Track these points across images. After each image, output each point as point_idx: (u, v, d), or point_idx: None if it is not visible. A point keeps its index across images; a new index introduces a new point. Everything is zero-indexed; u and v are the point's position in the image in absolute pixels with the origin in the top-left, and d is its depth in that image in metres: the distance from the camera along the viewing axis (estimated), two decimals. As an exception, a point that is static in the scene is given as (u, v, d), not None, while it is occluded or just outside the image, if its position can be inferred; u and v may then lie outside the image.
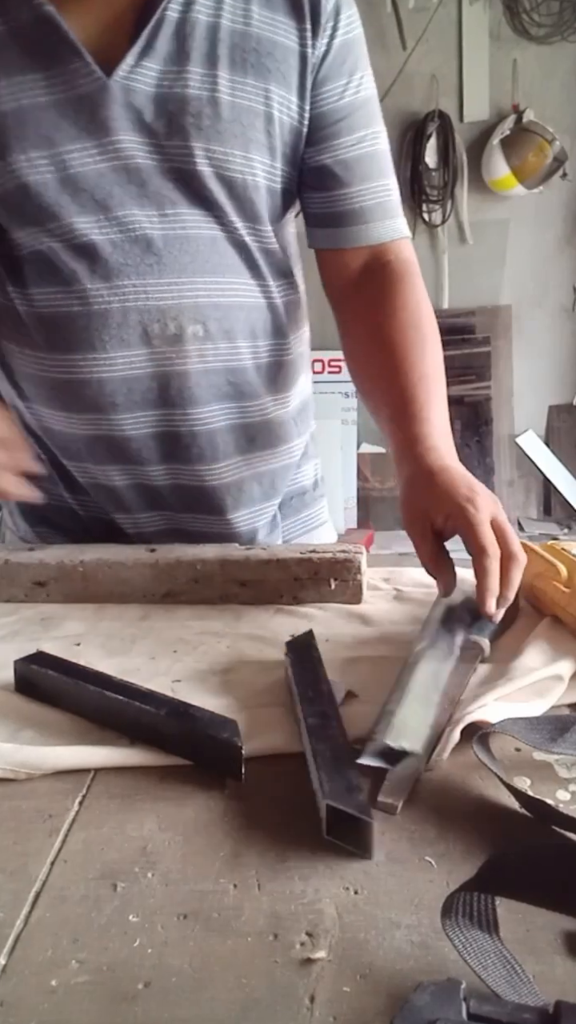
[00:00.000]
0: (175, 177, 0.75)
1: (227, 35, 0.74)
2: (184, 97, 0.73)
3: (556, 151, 3.14)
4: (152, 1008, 0.35)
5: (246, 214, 0.80)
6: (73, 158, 0.73)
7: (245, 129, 0.75)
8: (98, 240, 0.75)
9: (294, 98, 0.78)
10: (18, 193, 0.73)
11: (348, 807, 0.43)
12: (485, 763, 0.48)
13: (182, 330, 0.79)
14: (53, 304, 0.78)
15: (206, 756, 0.51)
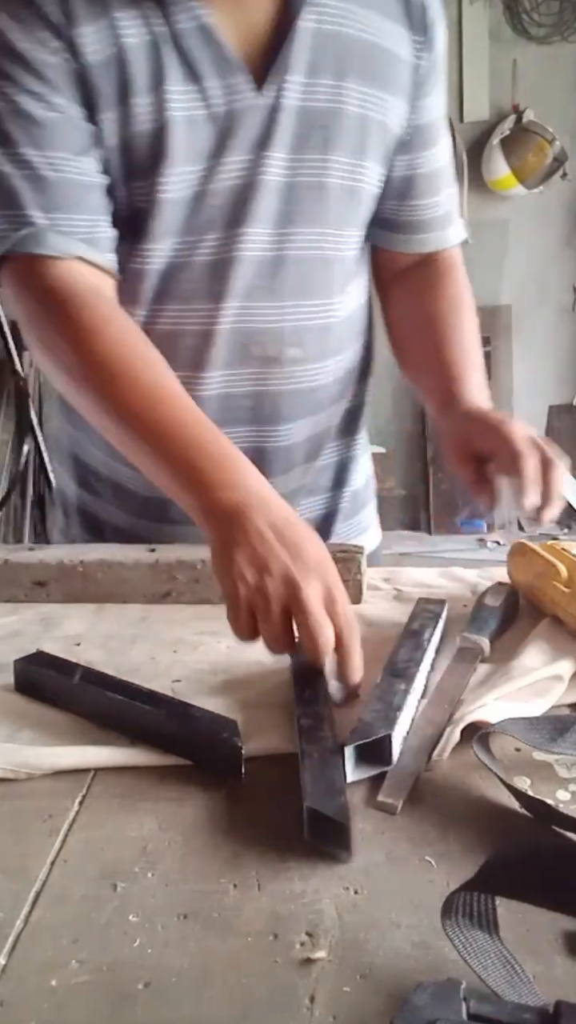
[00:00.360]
0: (304, 192, 0.75)
1: (356, 46, 0.74)
2: (320, 110, 0.73)
3: (556, 151, 3.14)
4: (152, 1008, 0.35)
5: (359, 223, 0.81)
6: (216, 174, 0.72)
7: (369, 140, 0.77)
8: (220, 259, 0.75)
9: (404, 108, 0.79)
10: (158, 208, 0.71)
11: (326, 810, 0.43)
12: (485, 763, 0.48)
13: (282, 353, 0.80)
14: (161, 322, 0.77)
15: (206, 756, 0.51)
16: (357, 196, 0.79)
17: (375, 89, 0.75)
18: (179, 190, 0.71)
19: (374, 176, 0.80)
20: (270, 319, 0.78)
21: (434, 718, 0.55)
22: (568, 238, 3.34)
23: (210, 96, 0.70)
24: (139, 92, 0.68)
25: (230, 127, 0.71)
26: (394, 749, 0.50)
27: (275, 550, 0.56)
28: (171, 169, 0.70)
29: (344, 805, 0.44)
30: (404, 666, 0.58)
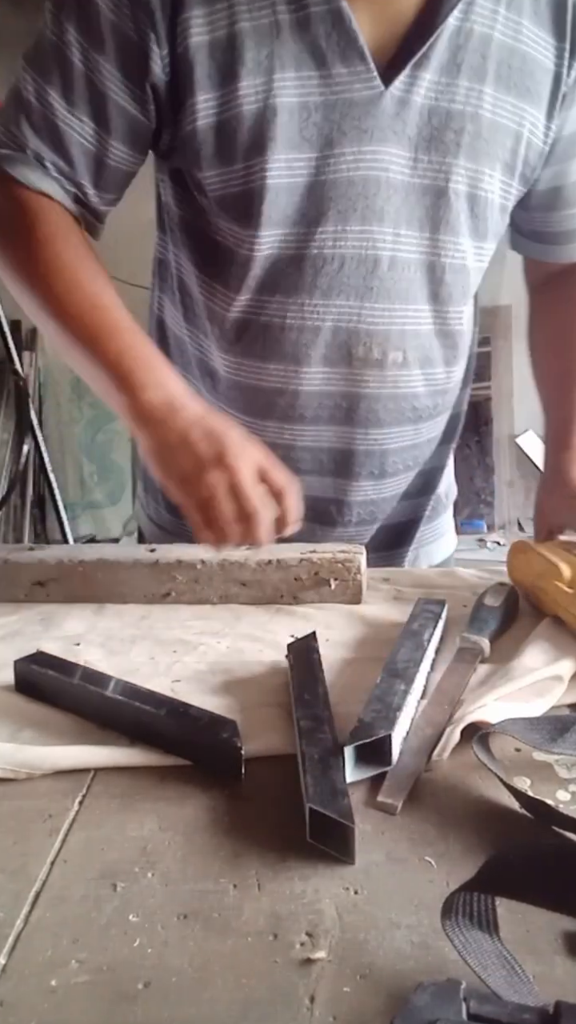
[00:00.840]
0: (423, 194, 0.74)
1: (497, 49, 0.71)
2: (450, 112, 0.71)
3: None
4: (152, 1008, 0.35)
5: (478, 233, 0.79)
6: (329, 164, 0.70)
7: (497, 148, 0.74)
8: (329, 254, 0.73)
9: (543, 118, 0.76)
10: (266, 193, 0.70)
11: (330, 811, 0.43)
12: (485, 763, 0.48)
13: (384, 356, 0.79)
14: (265, 313, 0.76)
15: (206, 756, 0.51)
16: (479, 205, 0.76)
17: (512, 96, 0.73)
18: (287, 176, 0.70)
19: (498, 186, 0.76)
20: (376, 320, 0.77)
21: (434, 718, 0.55)
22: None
23: (329, 83, 0.68)
24: (246, 76, 0.67)
25: (347, 116, 0.69)
26: (394, 749, 0.50)
27: (201, 446, 0.62)
28: (275, 155, 0.69)
29: (347, 806, 0.44)
30: (404, 666, 0.58)
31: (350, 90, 0.68)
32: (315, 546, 0.79)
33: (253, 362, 0.79)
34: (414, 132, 0.71)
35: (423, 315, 0.79)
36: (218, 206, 0.73)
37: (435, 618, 0.66)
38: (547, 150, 0.78)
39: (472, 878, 0.37)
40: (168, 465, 0.64)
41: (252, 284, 0.76)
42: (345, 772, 0.48)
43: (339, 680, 0.61)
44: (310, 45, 0.67)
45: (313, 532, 0.88)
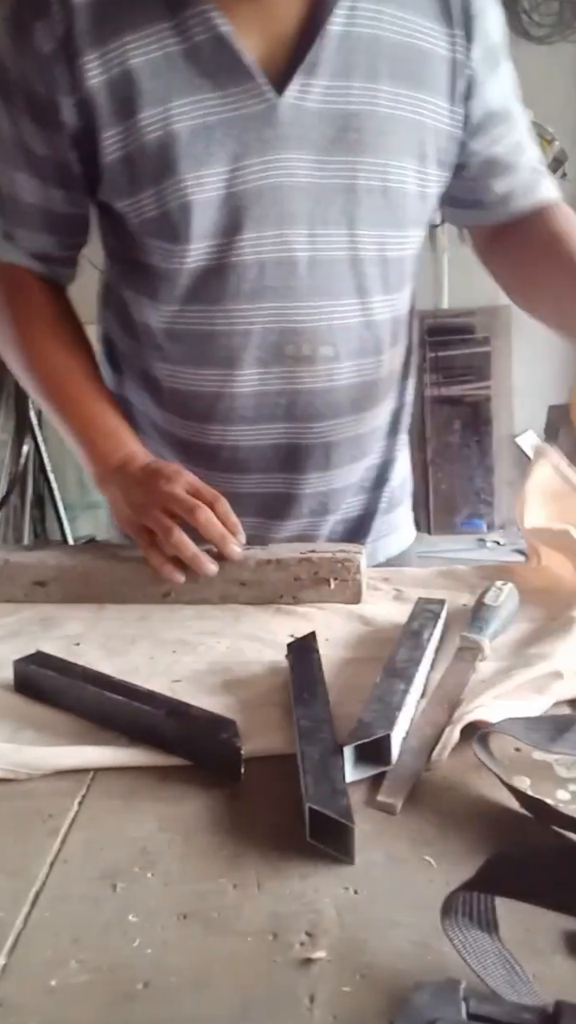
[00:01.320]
0: (333, 194, 0.76)
1: (388, 47, 0.74)
2: (347, 113, 0.74)
3: (556, 151, 3.14)
4: (152, 1008, 0.35)
5: (396, 223, 0.81)
6: (238, 177, 0.73)
7: (401, 140, 0.77)
8: (250, 260, 0.77)
9: (445, 104, 0.78)
10: (180, 212, 0.74)
11: (330, 811, 0.43)
12: (485, 763, 0.48)
13: (315, 351, 0.81)
14: (194, 322, 0.80)
15: (205, 756, 0.51)
16: (393, 196, 0.78)
17: (410, 89, 0.76)
18: (200, 193, 0.73)
19: (411, 176, 0.79)
20: (303, 319, 0.80)
21: (434, 718, 0.55)
22: (568, 238, 3.34)
23: (225, 102, 0.72)
24: (144, 108, 0.71)
25: (248, 130, 0.72)
26: (393, 749, 0.50)
27: (141, 486, 0.74)
28: (184, 175, 0.73)
29: (347, 806, 0.44)
30: (404, 666, 0.58)
31: (245, 105, 0.72)
32: (315, 546, 0.80)
33: (189, 369, 0.83)
34: (316, 136, 0.74)
35: (348, 309, 0.81)
36: (140, 230, 0.77)
37: (435, 618, 0.66)
38: (459, 131, 0.81)
39: (472, 878, 0.37)
40: (120, 514, 0.77)
41: (180, 295, 0.79)
42: (345, 772, 0.48)
43: (339, 680, 0.61)
44: (201, 70, 0.71)
45: (268, 528, 0.90)
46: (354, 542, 0.93)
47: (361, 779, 0.50)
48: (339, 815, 0.43)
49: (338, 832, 0.43)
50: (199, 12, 0.70)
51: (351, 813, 0.44)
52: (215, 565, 0.72)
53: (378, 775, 0.50)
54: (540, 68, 3.22)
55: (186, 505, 0.71)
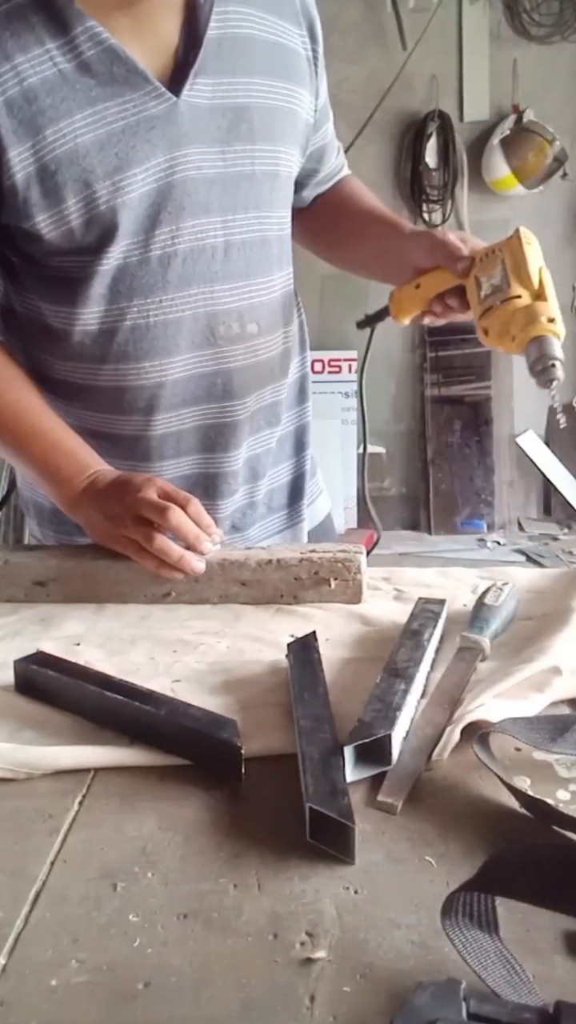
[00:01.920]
0: (236, 183, 0.82)
1: (260, 45, 0.82)
2: (236, 106, 0.80)
3: (556, 151, 3.14)
4: (152, 1008, 0.35)
5: (284, 207, 0.89)
6: (151, 174, 0.77)
7: (283, 128, 0.85)
8: (171, 251, 0.80)
9: (308, 96, 0.88)
10: (105, 216, 0.76)
11: (330, 811, 0.43)
12: (485, 763, 0.48)
13: (243, 329, 0.87)
14: (130, 318, 0.82)
15: (206, 756, 0.51)
16: (279, 180, 0.87)
17: (282, 82, 0.84)
18: (120, 195, 0.76)
19: (291, 160, 0.88)
20: (227, 300, 0.85)
21: (434, 718, 0.55)
22: (568, 238, 3.34)
23: (127, 108, 0.75)
24: (48, 124, 0.73)
25: (153, 130, 0.76)
26: (393, 749, 0.50)
27: (114, 499, 0.76)
28: (101, 182, 0.75)
29: (347, 806, 0.44)
30: (404, 666, 0.58)
31: (146, 108, 0.76)
32: (315, 545, 0.80)
33: (128, 365, 0.84)
34: (214, 129, 0.79)
35: (264, 286, 0.88)
36: (59, 242, 0.78)
37: (435, 618, 0.66)
38: (313, 121, 0.91)
39: (472, 878, 0.37)
40: (97, 531, 0.79)
41: (108, 294, 0.81)
42: (345, 772, 0.48)
43: (339, 680, 0.61)
44: (97, 82, 0.74)
45: (212, 508, 0.92)
46: (295, 506, 1.02)
47: (361, 779, 0.50)
48: (339, 815, 0.43)
49: (338, 832, 0.43)
50: (85, 29, 0.73)
51: (352, 813, 0.44)
52: (202, 563, 0.74)
53: (378, 775, 0.50)
54: (540, 68, 3.22)
55: (157, 508, 0.73)
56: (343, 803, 0.44)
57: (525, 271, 0.77)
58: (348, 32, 3.13)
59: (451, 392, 3.46)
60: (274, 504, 1.00)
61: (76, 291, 0.81)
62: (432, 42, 3.18)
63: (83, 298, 0.81)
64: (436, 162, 3.27)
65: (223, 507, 0.94)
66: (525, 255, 0.79)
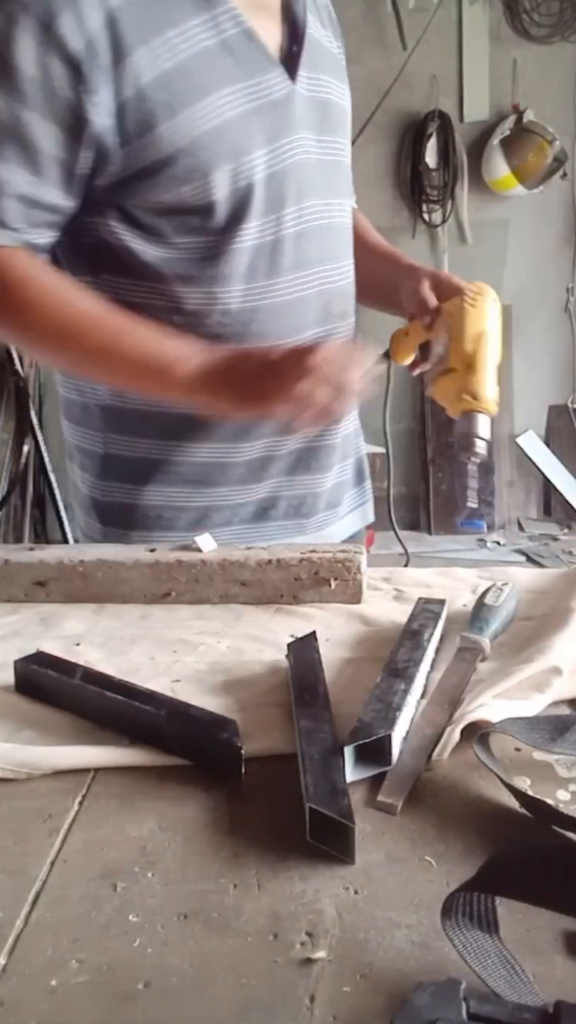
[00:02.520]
0: (330, 170, 0.88)
1: (323, 46, 0.89)
2: (324, 100, 0.87)
3: (556, 151, 3.14)
4: (152, 1008, 0.35)
5: (349, 193, 0.96)
6: (274, 156, 0.81)
7: (347, 128, 0.93)
8: (295, 231, 0.85)
9: (347, 90, 0.94)
10: (243, 192, 0.80)
11: (330, 811, 0.43)
12: (485, 763, 0.48)
13: (345, 306, 0.93)
14: (263, 297, 0.85)
15: (206, 756, 0.51)
16: (349, 173, 0.94)
17: (341, 83, 0.91)
18: (254, 175, 0.80)
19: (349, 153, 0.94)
20: (338, 279, 0.91)
21: (434, 718, 0.55)
22: (568, 238, 3.34)
23: (258, 90, 0.80)
24: (198, 98, 0.76)
25: (277, 113, 0.81)
26: (394, 749, 0.50)
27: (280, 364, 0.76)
28: (241, 159, 0.79)
29: (347, 806, 0.44)
30: (404, 666, 0.58)
31: (272, 92, 0.81)
32: (315, 545, 0.79)
33: (266, 343, 0.85)
34: (314, 119, 0.85)
35: (349, 268, 0.93)
36: (199, 217, 0.79)
37: (435, 618, 0.66)
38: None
39: (472, 878, 0.37)
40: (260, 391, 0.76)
41: (246, 274, 0.84)
42: (345, 772, 0.48)
43: (339, 680, 0.61)
44: (236, 61, 0.78)
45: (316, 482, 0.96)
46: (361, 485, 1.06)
47: (361, 779, 0.50)
48: (339, 815, 0.43)
49: (338, 832, 0.43)
50: (226, 9, 0.78)
51: (351, 813, 0.44)
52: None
53: (378, 775, 0.50)
54: (540, 68, 3.22)
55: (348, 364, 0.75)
56: (343, 803, 0.44)
57: (461, 342, 0.79)
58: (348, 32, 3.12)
59: (451, 392, 3.46)
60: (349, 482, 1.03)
61: (213, 270, 0.82)
62: (432, 42, 3.18)
63: (223, 277, 0.83)
64: (436, 162, 3.27)
65: (324, 481, 0.97)
66: (464, 322, 0.81)
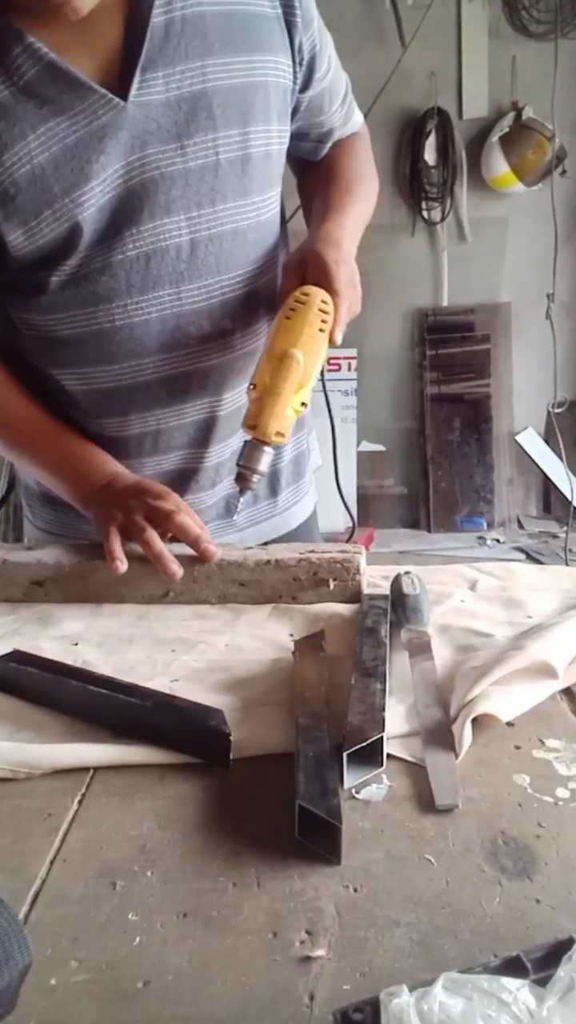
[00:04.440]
0: (199, 177, 0.78)
1: (213, 21, 0.76)
2: (193, 95, 0.75)
3: (555, 148, 3.13)
4: (152, 1006, 0.35)
5: (262, 189, 0.83)
6: (108, 183, 0.75)
7: (251, 106, 0.79)
8: (132, 256, 0.78)
9: (285, 59, 0.81)
10: (67, 231, 0.75)
11: (319, 810, 0.43)
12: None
13: (215, 326, 0.84)
14: (90, 323, 0.81)
15: (195, 744, 0.52)
16: (253, 163, 0.81)
17: (242, 55, 0.78)
18: (80, 210, 0.75)
19: (269, 136, 0.82)
20: (197, 299, 0.82)
21: (434, 718, 0.55)
22: (568, 235, 3.34)
23: (77, 121, 0.73)
24: (3, 149, 0.72)
25: (105, 138, 0.74)
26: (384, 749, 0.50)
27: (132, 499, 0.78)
28: (60, 201, 0.74)
29: (336, 805, 0.44)
30: (373, 664, 0.59)
31: (96, 118, 0.73)
32: (314, 546, 0.79)
33: (98, 368, 0.84)
34: (170, 125, 0.75)
35: (240, 278, 0.85)
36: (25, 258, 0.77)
37: (384, 613, 0.67)
38: (295, 84, 0.84)
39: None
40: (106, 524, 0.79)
41: (72, 302, 0.80)
42: (338, 773, 0.48)
43: (338, 680, 0.61)
44: (43, 101, 0.72)
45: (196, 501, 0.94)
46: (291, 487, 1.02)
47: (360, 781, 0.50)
48: (327, 814, 0.43)
49: (326, 831, 0.43)
50: (24, 48, 0.70)
51: (340, 813, 0.43)
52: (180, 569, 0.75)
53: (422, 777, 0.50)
54: (539, 64, 3.22)
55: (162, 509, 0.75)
56: (332, 802, 0.44)
57: (265, 359, 0.75)
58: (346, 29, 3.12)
59: (450, 390, 3.46)
60: (261, 492, 0.99)
61: (41, 300, 0.81)
62: (431, 39, 3.17)
63: (48, 306, 0.81)
64: (435, 159, 3.26)
65: (206, 498, 0.95)
66: (273, 336, 0.76)
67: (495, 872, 0.42)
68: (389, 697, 0.57)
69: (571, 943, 0.32)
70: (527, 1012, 0.30)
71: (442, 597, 0.74)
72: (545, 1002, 0.30)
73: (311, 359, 0.74)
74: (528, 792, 0.48)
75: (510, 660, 0.57)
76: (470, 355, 3.44)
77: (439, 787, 0.48)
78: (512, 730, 0.54)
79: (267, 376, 0.73)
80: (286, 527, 1.03)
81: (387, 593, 0.71)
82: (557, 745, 0.52)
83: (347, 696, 0.55)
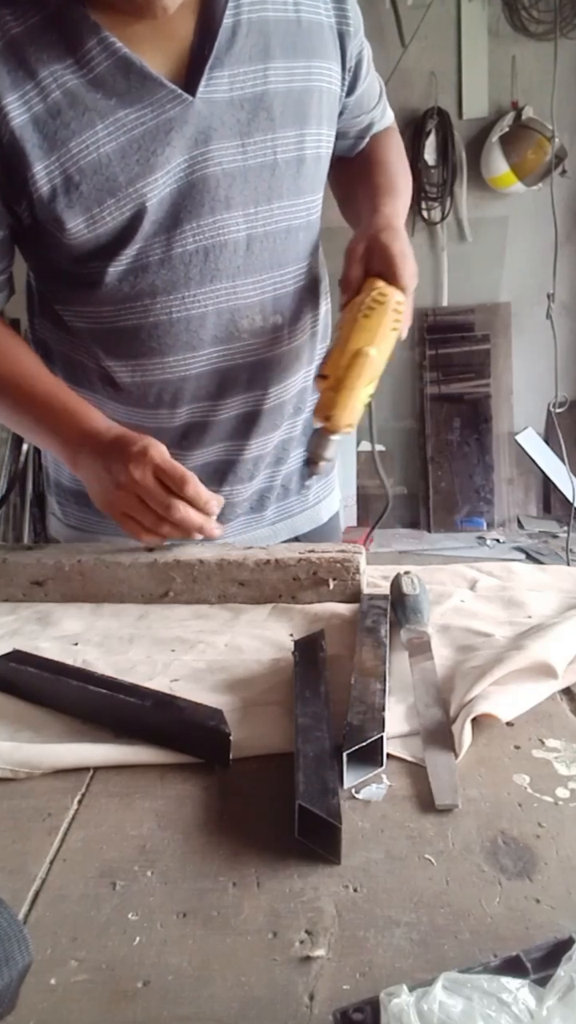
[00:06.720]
0: (257, 174, 0.82)
1: (275, 27, 0.80)
2: (255, 95, 0.80)
3: (555, 148, 3.14)
4: (151, 1006, 0.35)
5: (312, 191, 0.88)
6: (171, 175, 0.78)
7: (306, 110, 0.83)
8: (191, 249, 0.81)
9: (336, 67, 0.86)
10: (129, 221, 0.78)
11: (318, 809, 0.43)
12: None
13: (267, 321, 0.87)
14: (146, 315, 0.83)
15: (194, 743, 0.52)
16: (306, 164, 0.85)
17: (301, 61, 0.82)
18: (143, 200, 0.77)
19: (320, 140, 0.86)
20: (251, 294, 0.85)
21: (434, 718, 0.55)
22: (568, 235, 3.34)
23: (145, 114, 0.76)
24: (72, 137, 0.74)
25: (170, 133, 0.76)
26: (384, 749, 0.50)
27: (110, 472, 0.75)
28: (124, 191, 0.76)
29: (336, 805, 0.44)
30: (373, 664, 0.59)
31: (164, 111, 0.76)
32: (314, 546, 0.79)
33: (152, 360, 0.86)
34: (234, 123, 0.79)
35: (290, 275, 0.88)
36: (85, 248, 0.79)
37: (384, 613, 0.67)
38: (343, 92, 0.89)
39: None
40: (99, 498, 0.79)
41: (129, 293, 0.82)
42: (338, 773, 0.48)
43: (338, 680, 0.61)
44: (115, 91, 0.75)
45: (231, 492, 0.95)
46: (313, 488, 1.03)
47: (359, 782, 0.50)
48: (327, 814, 0.43)
49: (326, 831, 0.43)
50: (99, 41, 0.73)
51: (339, 813, 0.44)
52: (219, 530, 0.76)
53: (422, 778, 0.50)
54: (539, 64, 3.22)
55: (161, 503, 0.73)
56: (332, 802, 0.44)
57: (339, 354, 0.77)
58: (346, 29, 3.13)
59: (450, 390, 3.46)
60: (293, 486, 1.01)
61: (98, 292, 0.82)
62: (431, 39, 3.18)
63: (104, 297, 0.82)
64: (435, 159, 3.27)
65: (242, 491, 0.96)
66: (349, 334, 0.78)
67: (495, 872, 0.42)
68: (389, 697, 0.57)
69: (571, 943, 0.32)
70: (527, 1012, 0.30)
71: (442, 597, 0.74)
72: (545, 1002, 0.30)
73: (383, 357, 0.78)
74: (528, 792, 0.48)
75: (510, 660, 0.56)
76: (470, 355, 3.44)
77: (439, 787, 0.48)
78: (512, 730, 0.54)
79: (341, 370, 0.76)
80: (319, 519, 1.05)
81: (387, 593, 0.71)
82: (557, 745, 0.52)
83: (347, 696, 0.55)
